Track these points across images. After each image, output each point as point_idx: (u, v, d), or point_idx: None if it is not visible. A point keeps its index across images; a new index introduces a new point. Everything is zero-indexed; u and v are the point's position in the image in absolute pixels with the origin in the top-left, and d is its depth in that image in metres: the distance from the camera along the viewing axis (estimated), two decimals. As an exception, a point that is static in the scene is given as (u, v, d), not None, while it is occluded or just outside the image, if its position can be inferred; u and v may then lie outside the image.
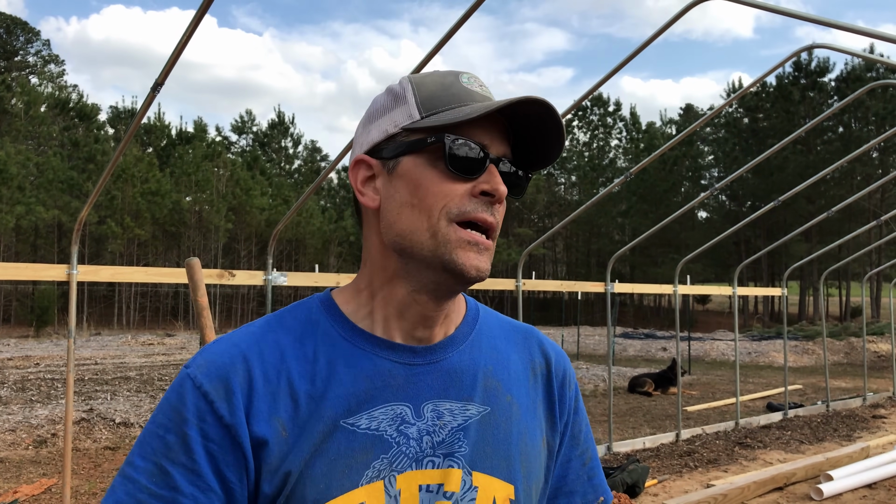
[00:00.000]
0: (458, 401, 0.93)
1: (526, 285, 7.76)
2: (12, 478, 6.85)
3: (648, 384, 13.17)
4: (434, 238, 0.86)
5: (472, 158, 0.87)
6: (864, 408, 11.37)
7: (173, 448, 0.82)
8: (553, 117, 0.87)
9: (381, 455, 0.87)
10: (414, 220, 0.88)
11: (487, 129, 0.88)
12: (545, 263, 54.74)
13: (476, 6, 4.51)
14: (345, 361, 0.89)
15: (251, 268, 36.41)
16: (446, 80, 0.91)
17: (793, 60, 38.18)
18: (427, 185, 0.87)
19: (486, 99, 0.90)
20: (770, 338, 25.41)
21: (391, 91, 0.94)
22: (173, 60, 4.13)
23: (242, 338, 0.90)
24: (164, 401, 0.85)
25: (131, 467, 0.83)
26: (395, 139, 0.91)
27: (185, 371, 0.86)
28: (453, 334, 0.97)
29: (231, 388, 0.84)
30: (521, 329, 1.07)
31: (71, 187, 36.10)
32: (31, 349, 20.69)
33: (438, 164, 0.87)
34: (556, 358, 1.06)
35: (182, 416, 0.83)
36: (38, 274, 5.30)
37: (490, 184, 0.87)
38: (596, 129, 53.27)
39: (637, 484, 6.25)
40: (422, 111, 0.89)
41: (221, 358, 0.87)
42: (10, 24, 55.33)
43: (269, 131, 53.52)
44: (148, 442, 0.83)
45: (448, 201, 0.87)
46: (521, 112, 0.87)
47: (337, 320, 0.93)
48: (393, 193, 0.91)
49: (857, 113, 37.18)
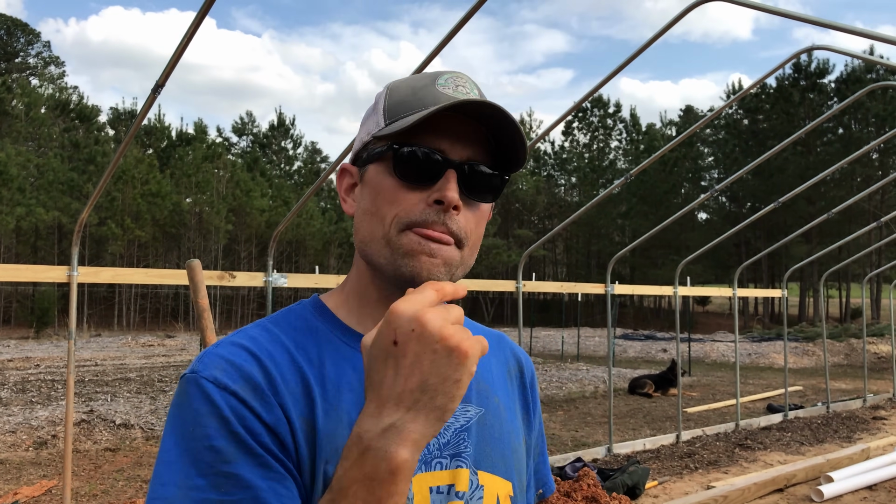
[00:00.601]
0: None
1: (526, 287, 7.76)
2: (12, 479, 6.85)
3: (649, 385, 13.16)
4: (388, 247, 0.86)
5: (421, 167, 0.85)
6: (864, 409, 11.37)
7: (227, 451, 0.75)
8: (505, 118, 0.85)
9: None
10: (372, 228, 0.88)
11: (450, 132, 0.86)
12: (545, 265, 54.73)
13: (476, 8, 4.51)
14: (352, 366, 0.88)
15: (251, 269, 36.43)
16: (419, 83, 0.89)
17: (793, 62, 38.18)
18: (383, 193, 0.87)
19: (458, 100, 0.86)
20: (770, 339, 25.40)
21: (375, 98, 0.94)
22: (174, 62, 4.13)
23: (247, 340, 0.85)
24: (191, 414, 0.78)
25: (196, 490, 0.74)
26: (367, 147, 0.91)
27: (196, 377, 0.80)
28: None
29: (259, 387, 0.80)
30: (494, 335, 1.09)
31: (71, 189, 36.12)
32: (32, 350, 20.70)
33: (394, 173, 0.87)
34: (525, 361, 1.11)
35: (223, 418, 0.77)
36: (38, 275, 5.30)
37: (441, 191, 0.84)
38: (596, 131, 53.32)
39: (637, 486, 6.25)
40: (386, 118, 0.88)
41: (235, 359, 0.82)
42: (11, 26, 55.39)
43: (269, 132, 53.57)
44: (199, 458, 0.75)
45: (399, 210, 0.86)
46: (485, 112, 0.85)
47: (335, 325, 0.92)
48: (360, 201, 0.92)
49: (857, 114, 37.20)
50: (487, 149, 0.89)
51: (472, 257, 0.92)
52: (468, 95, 0.87)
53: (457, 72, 0.91)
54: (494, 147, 0.90)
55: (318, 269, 6.94)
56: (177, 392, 0.82)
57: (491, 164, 0.90)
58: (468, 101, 0.82)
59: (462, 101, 0.82)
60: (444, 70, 0.91)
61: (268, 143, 53.46)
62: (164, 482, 0.75)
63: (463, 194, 0.86)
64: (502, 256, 43.33)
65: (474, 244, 0.91)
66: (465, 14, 4.60)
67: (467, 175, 0.87)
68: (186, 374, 0.82)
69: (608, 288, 8.27)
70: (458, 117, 0.86)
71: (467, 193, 0.87)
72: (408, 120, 0.84)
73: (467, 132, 0.87)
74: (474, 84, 0.91)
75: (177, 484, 0.75)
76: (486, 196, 0.90)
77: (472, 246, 0.90)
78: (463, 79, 0.90)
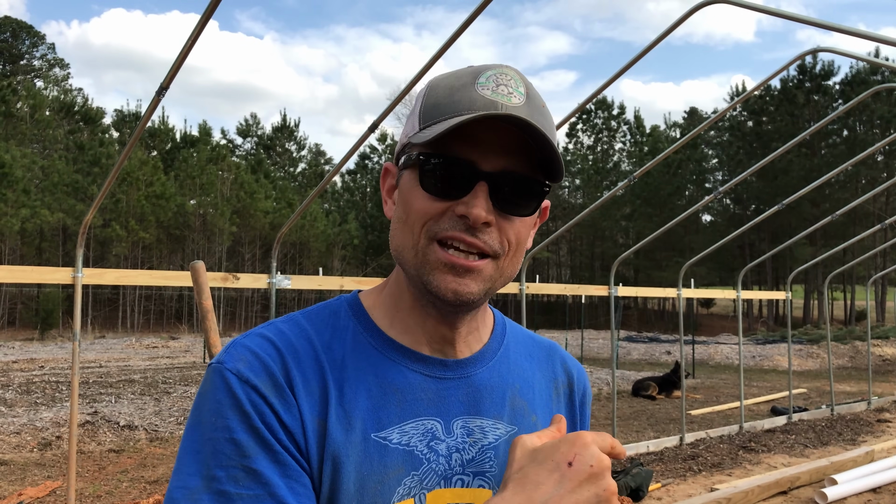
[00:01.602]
0: (488, 418, 0.91)
1: (530, 289, 7.76)
2: (17, 480, 6.87)
3: (652, 388, 13.14)
4: (416, 257, 0.84)
5: (449, 180, 0.82)
6: (868, 412, 11.33)
7: (247, 446, 0.76)
8: (536, 130, 0.80)
9: (411, 472, 0.84)
10: (404, 237, 0.86)
11: (484, 140, 0.81)
12: (549, 267, 54.70)
13: (479, 10, 4.52)
14: (374, 371, 0.86)
15: (255, 271, 36.48)
16: (459, 81, 0.84)
17: (797, 64, 38.14)
18: (412, 201, 0.84)
19: (495, 104, 0.80)
20: (774, 341, 25.35)
21: (416, 95, 0.90)
22: (178, 64, 4.14)
23: (274, 334, 0.85)
24: (214, 403, 0.79)
25: (215, 482, 0.75)
26: (404, 150, 0.88)
27: (221, 367, 0.81)
28: (482, 349, 0.94)
29: (279, 384, 0.80)
30: (545, 345, 1.04)
31: (76, 190, 36.21)
32: (36, 352, 20.75)
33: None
34: (577, 376, 1.05)
35: (244, 412, 0.77)
36: (43, 277, 5.32)
37: (467, 207, 0.81)
38: (600, 133, 53.26)
39: (641, 488, 6.24)
40: (421, 122, 0.85)
41: (260, 353, 0.82)
42: (16, 28, 55.58)
43: (273, 134, 53.66)
44: (219, 450, 0.76)
45: (428, 220, 0.83)
46: (514, 122, 0.80)
47: (367, 327, 0.90)
48: (396, 206, 0.89)
49: (862, 116, 37.15)
50: (528, 156, 0.84)
51: (515, 266, 0.88)
52: (510, 96, 0.82)
53: (503, 67, 0.85)
54: (538, 153, 0.84)
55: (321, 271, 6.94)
56: (203, 379, 0.83)
57: (529, 172, 0.84)
58: (492, 115, 0.78)
59: (486, 115, 0.78)
60: (490, 65, 0.86)
61: (272, 144, 53.54)
62: (188, 471, 0.77)
63: (497, 207, 0.82)
64: (506, 258, 43.19)
65: (515, 252, 0.87)
66: (468, 16, 4.61)
67: (501, 186, 0.82)
68: (213, 364, 0.83)
69: (612, 290, 8.27)
70: (493, 123, 0.81)
71: (501, 206, 0.83)
72: (437, 128, 0.80)
73: (503, 139, 0.82)
74: (521, 80, 0.84)
75: (199, 474, 0.76)
76: (524, 207, 0.85)
77: (512, 255, 0.86)
78: (507, 76, 0.84)
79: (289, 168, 54.13)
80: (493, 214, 0.82)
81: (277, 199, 43.51)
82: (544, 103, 0.86)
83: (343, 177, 51.10)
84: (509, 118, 0.79)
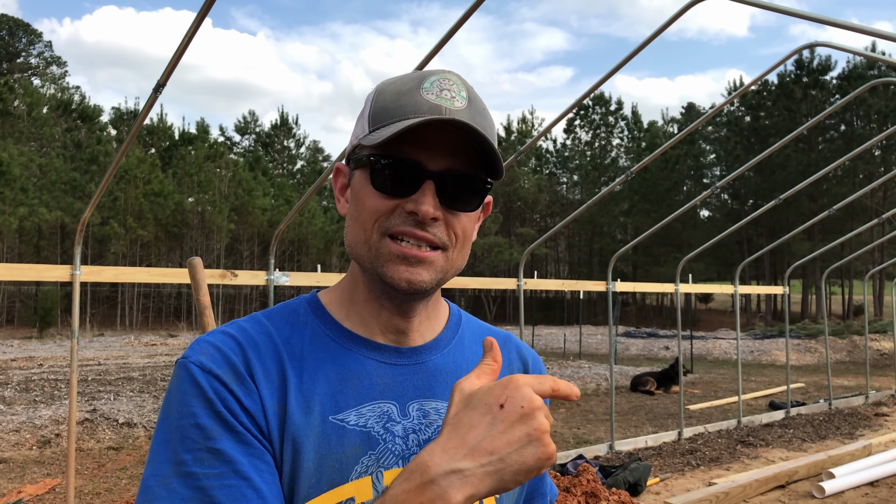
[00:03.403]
0: (443, 401, 0.95)
1: (528, 284, 7.76)
2: (16, 478, 6.88)
3: (651, 383, 13.16)
4: (370, 251, 0.89)
5: (398, 179, 0.87)
6: (866, 406, 11.36)
7: (211, 428, 0.80)
8: (475, 132, 0.85)
9: (368, 451, 0.88)
10: (357, 233, 0.91)
11: (430, 142, 0.87)
12: (547, 263, 54.73)
13: (475, 7, 4.52)
14: (332, 360, 0.91)
15: (253, 268, 36.42)
16: (405, 86, 0.90)
17: (794, 58, 38.16)
18: (363, 199, 0.90)
19: (439, 108, 0.87)
20: (772, 336, 25.39)
21: (365, 98, 0.95)
22: (175, 61, 4.14)
23: (236, 331, 0.90)
24: (179, 394, 0.83)
25: (182, 465, 0.79)
26: (355, 152, 0.93)
27: (185, 361, 0.85)
28: (437, 338, 1.00)
29: (239, 372, 0.85)
30: (500, 335, 1.09)
31: (74, 188, 36.19)
32: (35, 350, 20.74)
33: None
34: (532, 363, 1.10)
35: (207, 399, 0.82)
36: (41, 275, 5.32)
37: (416, 204, 0.87)
38: (597, 129, 53.24)
39: (639, 482, 6.26)
40: (370, 125, 0.90)
41: (221, 346, 0.87)
42: (13, 26, 55.45)
43: (271, 132, 53.59)
44: (186, 435, 0.80)
45: (380, 216, 0.89)
46: (457, 125, 0.86)
47: (324, 321, 0.95)
48: (349, 204, 0.95)
49: (859, 111, 37.11)
50: (471, 155, 0.90)
51: (462, 257, 0.94)
52: (453, 101, 0.88)
53: (445, 72, 0.91)
54: (481, 154, 0.90)
55: (319, 267, 6.97)
56: (171, 375, 0.87)
57: (473, 171, 0.90)
58: (437, 119, 0.84)
59: (432, 119, 0.84)
60: (433, 70, 0.92)
61: (270, 142, 53.48)
62: (159, 460, 0.81)
63: (444, 203, 0.88)
64: (504, 254, 43.31)
65: (462, 244, 0.93)
66: (464, 13, 4.61)
67: (447, 184, 0.88)
68: (179, 359, 0.87)
69: (610, 286, 8.28)
70: (438, 125, 0.86)
71: (447, 202, 0.89)
72: (386, 131, 0.86)
73: (448, 141, 0.88)
74: (462, 85, 0.90)
75: (169, 460, 0.80)
76: (468, 203, 0.91)
77: (460, 247, 0.92)
78: (450, 81, 0.90)
79: (287, 165, 54.09)
80: (441, 210, 0.88)
81: (275, 197, 43.51)
82: (485, 106, 0.93)
83: (341, 173, 50.98)
84: (453, 122, 0.84)
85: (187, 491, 0.78)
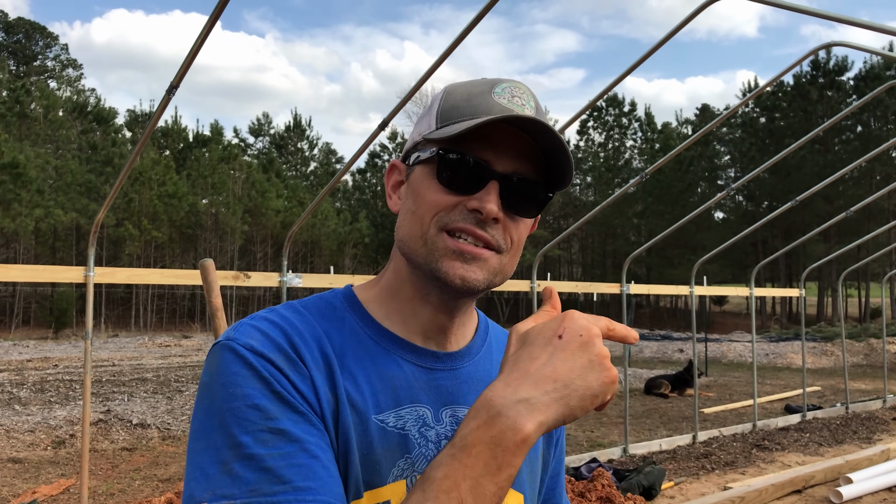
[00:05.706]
0: None
1: (541, 286, 7.73)
2: (31, 478, 6.92)
3: (665, 386, 13.09)
4: (425, 245, 0.88)
5: (465, 175, 0.87)
6: (884, 410, 11.23)
7: (271, 409, 0.77)
8: (553, 136, 0.86)
9: (405, 454, 0.88)
10: (413, 227, 0.90)
11: (499, 143, 0.87)
12: (560, 265, 54.58)
13: (487, 9, 4.50)
14: (371, 359, 0.90)
15: (267, 270, 36.58)
16: (476, 89, 0.90)
17: (810, 59, 37.87)
18: (424, 193, 0.89)
19: (511, 112, 0.87)
20: (788, 339, 25.17)
21: (431, 98, 0.96)
22: (188, 63, 4.15)
23: (277, 318, 0.87)
24: (228, 376, 0.79)
25: (240, 448, 0.74)
26: (417, 148, 0.93)
27: (232, 343, 0.81)
28: (469, 345, 0.99)
29: (290, 357, 0.82)
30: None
31: (89, 190, 36.48)
32: (50, 351, 20.91)
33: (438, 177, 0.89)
34: None
35: (262, 378, 0.78)
36: (56, 276, 5.35)
37: (480, 202, 0.86)
38: (611, 130, 53.04)
39: (653, 486, 6.21)
40: (438, 122, 0.90)
41: (268, 331, 0.84)
42: (29, 29, 56.03)
43: (285, 133, 53.80)
44: (242, 417, 0.76)
45: (439, 210, 0.88)
46: (535, 128, 0.86)
47: (362, 318, 0.93)
48: (405, 199, 0.94)
49: (876, 111, 36.82)
50: (536, 163, 0.90)
51: (513, 264, 0.93)
52: (523, 108, 0.88)
53: (516, 81, 0.92)
54: (545, 162, 0.90)
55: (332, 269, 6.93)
56: (209, 360, 0.83)
57: (537, 178, 0.90)
58: (518, 116, 0.84)
59: (512, 116, 0.83)
60: (503, 78, 0.92)
61: (283, 144, 53.70)
62: (213, 446, 0.76)
63: (505, 206, 0.88)
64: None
65: (515, 251, 0.92)
66: (476, 15, 4.59)
67: (510, 187, 0.88)
68: (221, 342, 0.83)
69: (624, 288, 8.23)
70: (508, 129, 0.87)
71: (509, 206, 0.88)
72: (457, 127, 0.85)
73: (516, 145, 0.88)
74: (532, 96, 0.91)
75: (225, 445, 0.75)
76: (529, 210, 0.91)
77: (513, 253, 0.92)
78: (521, 89, 0.91)
79: (300, 167, 54.29)
80: (502, 212, 0.88)
81: (289, 198, 43.65)
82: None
83: (354, 175, 51.20)
84: (531, 121, 0.85)
85: (252, 474, 0.73)
